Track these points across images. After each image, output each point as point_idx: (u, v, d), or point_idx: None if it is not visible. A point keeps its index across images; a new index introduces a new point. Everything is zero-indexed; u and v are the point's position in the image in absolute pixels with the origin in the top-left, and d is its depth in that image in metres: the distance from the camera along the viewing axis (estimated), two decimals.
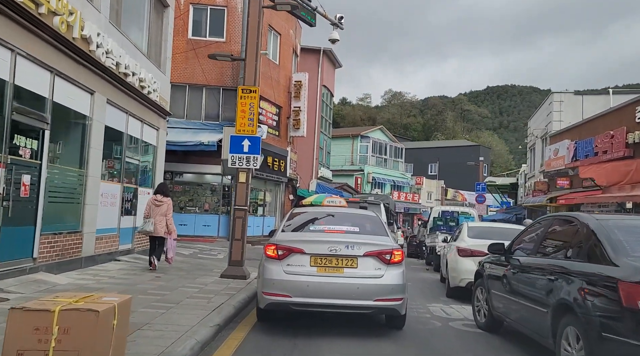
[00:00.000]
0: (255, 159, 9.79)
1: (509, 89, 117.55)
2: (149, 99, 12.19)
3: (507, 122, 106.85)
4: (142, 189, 12.68)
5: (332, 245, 5.64)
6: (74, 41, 8.31)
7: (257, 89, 9.91)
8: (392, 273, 5.65)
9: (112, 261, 10.62)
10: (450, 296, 9.69)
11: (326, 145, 32.97)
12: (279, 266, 5.66)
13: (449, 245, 10.94)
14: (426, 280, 12.86)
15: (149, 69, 12.22)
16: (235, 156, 9.76)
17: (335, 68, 33.34)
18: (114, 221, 10.87)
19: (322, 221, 6.71)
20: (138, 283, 8.13)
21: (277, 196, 25.46)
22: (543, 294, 4.76)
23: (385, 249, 5.73)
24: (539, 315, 4.82)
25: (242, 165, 9.76)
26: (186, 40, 20.58)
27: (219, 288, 8.17)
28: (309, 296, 5.49)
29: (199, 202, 21.50)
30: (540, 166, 24.95)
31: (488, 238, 9.52)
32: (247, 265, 12.78)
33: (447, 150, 64.89)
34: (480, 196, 29.84)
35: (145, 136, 12.56)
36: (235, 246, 9.70)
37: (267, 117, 23.37)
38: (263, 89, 22.51)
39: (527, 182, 29.20)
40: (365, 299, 5.53)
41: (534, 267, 5.18)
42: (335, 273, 5.58)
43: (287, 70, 25.14)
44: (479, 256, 9.06)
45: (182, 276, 9.28)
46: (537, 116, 26.81)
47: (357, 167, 44.03)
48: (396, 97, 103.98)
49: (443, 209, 18.80)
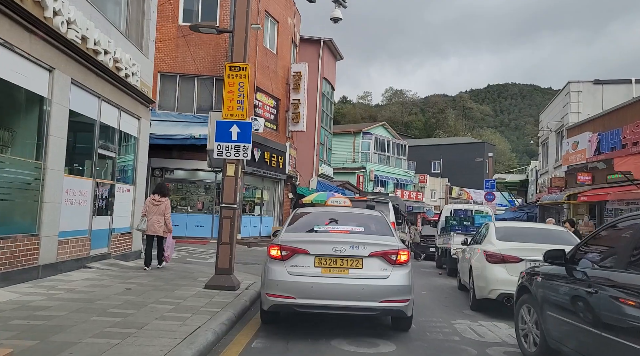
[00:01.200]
0: (245, 149, 8.31)
1: (510, 87, 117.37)
2: (127, 84, 10.72)
3: (508, 120, 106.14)
4: (121, 185, 11.22)
5: (336, 245, 5.52)
6: (23, 3, 6.84)
7: (248, 67, 8.43)
8: (398, 273, 5.55)
9: (82, 268, 9.17)
10: (475, 308, 8.23)
11: (327, 141, 31.49)
12: (282, 267, 5.54)
13: (471, 248, 9.46)
14: (442, 288, 11.39)
15: (126, 49, 10.75)
16: (222, 145, 8.28)
17: (337, 60, 31.85)
18: (84, 222, 9.40)
19: (326, 221, 6.48)
20: (100, 297, 6.66)
21: (276, 195, 23.98)
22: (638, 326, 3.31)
23: (391, 250, 5.61)
24: (630, 353, 3.38)
25: (230, 156, 8.28)
26: (177, 27, 19.10)
27: (199, 304, 6.70)
28: (313, 297, 5.39)
29: (192, 201, 20.05)
30: (555, 162, 23.48)
31: (521, 240, 8.10)
32: (241, 270, 11.36)
33: (451, 147, 63.46)
34: (489, 194, 28.33)
35: (123, 126, 11.09)
36: (222, 251, 8.23)
37: (264, 110, 21.91)
38: (260, 80, 21.06)
39: (539, 178, 27.72)
40: (370, 300, 5.42)
41: (624, 286, 3.70)
42: (340, 273, 5.47)
43: (286, 60, 23.67)
44: (512, 263, 7.62)
45: (158, 287, 7.81)
46: (551, 108, 25.33)
47: (359, 165, 42.57)
48: (397, 95, 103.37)
49: (456, 207, 17.30)
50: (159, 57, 19.38)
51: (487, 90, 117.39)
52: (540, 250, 7.50)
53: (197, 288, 8.04)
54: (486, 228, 9.23)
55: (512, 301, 7.32)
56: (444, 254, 15.36)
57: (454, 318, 7.48)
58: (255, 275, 10.54)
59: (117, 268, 9.76)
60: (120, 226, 11.15)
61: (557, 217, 24.03)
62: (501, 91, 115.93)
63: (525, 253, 7.55)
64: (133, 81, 11.10)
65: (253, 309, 7.38)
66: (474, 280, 8.25)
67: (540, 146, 27.85)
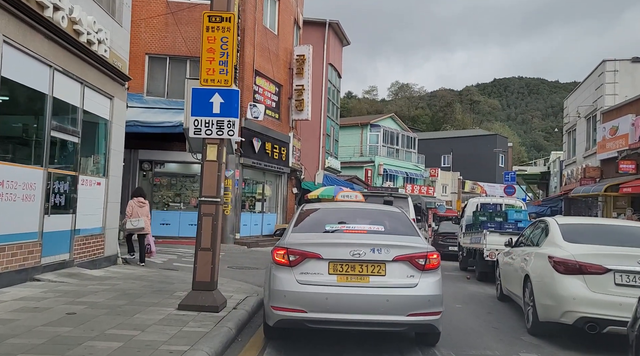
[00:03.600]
0: (231, 124, 6.32)
1: (516, 81, 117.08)
2: (91, 53, 8.76)
3: (515, 114, 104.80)
4: (88, 177, 9.26)
5: (354, 248, 4.78)
6: None
7: (233, 17, 6.42)
8: (428, 281, 4.82)
9: (28, 281, 7.23)
10: (538, 333, 6.19)
11: (334, 132, 29.43)
12: (290, 274, 4.80)
13: (523, 252, 7.41)
14: (479, 298, 9.37)
15: (89, 10, 8.77)
16: (200, 121, 6.30)
17: (343, 45, 29.75)
18: (31, 222, 7.44)
19: (339, 219, 5.64)
20: (21, 331, 4.69)
21: (279, 190, 21.99)
22: None
23: (419, 253, 4.88)
24: None
25: (212, 134, 6.30)
26: (165, 3, 17.09)
27: (161, 338, 4.73)
28: (328, 311, 4.66)
29: (185, 197, 18.10)
30: (585, 150, 21.34)
31: (599, 241, 6.08)
32: (235, 278, 9.42)
33: (461, 140, 61.15)
34: (509, 187, 26.21)
35: (89, 105, 9.13)
36: (201, 260, 6.24)
37: (264, 96, 19.90)
38: (259, 63, 19.07)
39: (564, 170, 25.57)
40: (396, 314, 4.68)
41: None
42: (359, 282, 4.76)
43: (288, 42, 21.64)
44: (594, 274, 5.60)
45: (115, 310, 5.83)
46: (580, 93, 23.16)
47: (367, 159, 40.50)
48: (403, 89, 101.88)
49: (483, 201, 15.22)
50: (146, 38, 17.44)
51: (493, 84, 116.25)
52: (634, 256, 5.53)
53: (169, 309, 6.07)
54: (544, 226, 7.17)
55: (599, 328, 5.31)
56: (471, 255, 13.32)
57: (514, 350, 5.47)
58: (251, 285, 8.59)
59: (76, 279, 7.80)
60: (87, 227, 9.21)
61: (587, 211, 21.92)
62: (507, 84, 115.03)
63: (613, 261, 5.52)
64: (100, 50, 9.13)
65: (241, 339, 5.42)
66: (535, 296, 6.20)
67: (565, 135, 25.69)
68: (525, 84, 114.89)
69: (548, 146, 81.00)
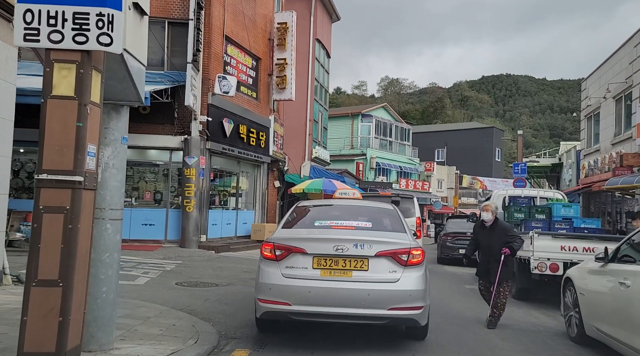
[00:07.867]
0: (104, 22, 3.01)
1: (504, 78, 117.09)
2: None
3: (503, 111, 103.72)
4: None
5: (338, 244, 4.80)
6: None
7: None
8: (410, 276, 4.81)
9: None
10: None
11: (322, 118, 26.13)
12: (276, 268, 4.85)
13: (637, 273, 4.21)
14: (537, 334, 6.19)
15: None
16: (35, 13, 3.00)
17: (333, 21, 26.41)
18: None
19: (330, 216, 5.71)
20: None
21: (257, 182, 18.65)
22: None
23: (402, 249, 4.87)
24: None
25: (62, 40, 2.99)
26: None
27: None
28: (311, 304, 4.71)
29: (138, 191, 14.72)
30: (615, 136, 18.33)
31: None
32: (176, 308, 6.08)
33: (456, 134, 58.43)
34: (519, 180, 23.22)
35: None
36: (39, 306, 2.93)
37: (238, 70, 16.57)
38: (232, 28, 15.74)
39: (582, 160, 22.59)
40: (377, 307, 4.69)
41: None
42: (342, 276, 4.78)
43: (268, 8, 18.31)
44: None
45: None
46: (605, 70, 20.16)
47: (359, 151, 37.30)
48: (393, 84, 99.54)
49: (512, 193, 11.99)
50: None
51: (481, 81, 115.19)
52: None
53: None
54: None
55: None
56: None
57: None
58: (198, 319, 5.33)
59: None
60: None
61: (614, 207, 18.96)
62: (495, 81, 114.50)
63: None
64: None
65: None
66: None
67: (584, 121, 22.69)
68: (513, 81, 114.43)
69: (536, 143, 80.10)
